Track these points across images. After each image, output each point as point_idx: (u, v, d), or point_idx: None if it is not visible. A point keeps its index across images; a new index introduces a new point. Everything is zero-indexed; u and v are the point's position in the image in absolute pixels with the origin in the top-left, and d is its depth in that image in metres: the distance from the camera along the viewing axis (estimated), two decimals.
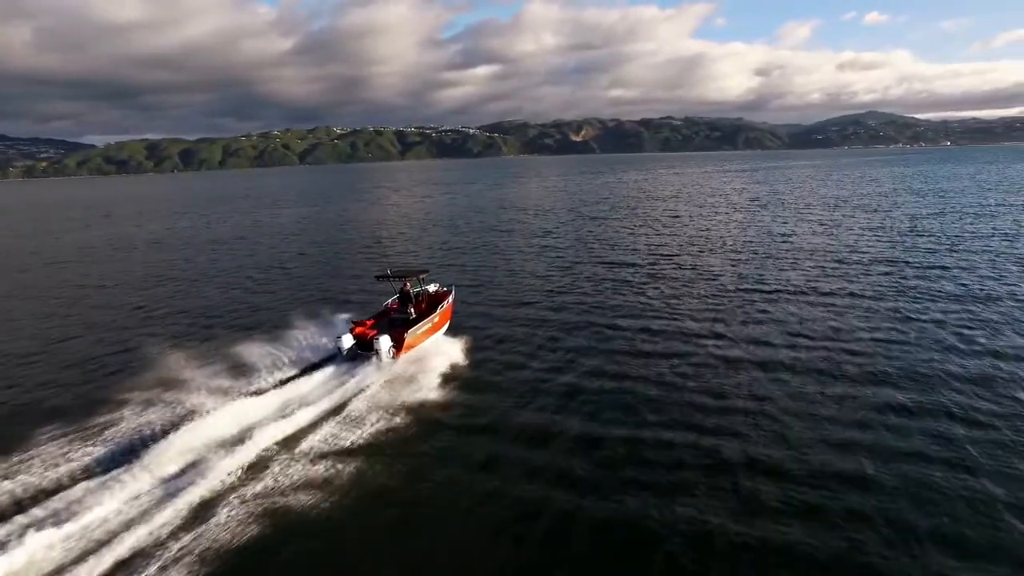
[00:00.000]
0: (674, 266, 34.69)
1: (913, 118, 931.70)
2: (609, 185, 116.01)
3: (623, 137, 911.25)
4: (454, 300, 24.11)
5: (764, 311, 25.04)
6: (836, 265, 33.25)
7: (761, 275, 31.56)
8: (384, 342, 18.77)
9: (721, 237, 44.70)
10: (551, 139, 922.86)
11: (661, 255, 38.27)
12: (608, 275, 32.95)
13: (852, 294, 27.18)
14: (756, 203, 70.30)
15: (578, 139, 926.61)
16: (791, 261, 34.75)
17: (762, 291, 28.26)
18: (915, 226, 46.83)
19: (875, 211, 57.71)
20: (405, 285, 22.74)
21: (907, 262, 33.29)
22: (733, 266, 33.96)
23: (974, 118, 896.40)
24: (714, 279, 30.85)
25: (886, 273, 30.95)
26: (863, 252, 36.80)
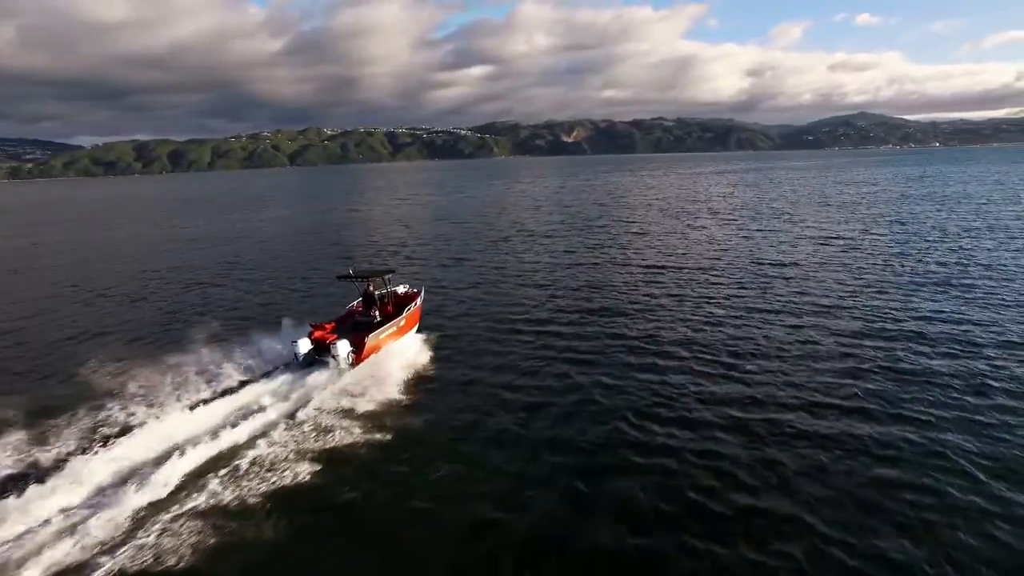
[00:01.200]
0: (658, 272, 34.09)
1: (903, 119, 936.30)
2: (592, 187, 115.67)
3: (615, 138, 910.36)
4: (423, 302, 23.39)
5: (744, 318, 24.63)
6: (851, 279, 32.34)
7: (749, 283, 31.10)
8: (342, 347, 18.03)
9: (711, 243, 44.24)
10: (543, 140, 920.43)
11: (646, 261, 37.67)
12: (588, 280, 32.43)
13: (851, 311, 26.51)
14: (754, 209, 69.04)
15: (570, 140, 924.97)
16: (801, 275, 32.37)
17: (745, 300, 27.83)
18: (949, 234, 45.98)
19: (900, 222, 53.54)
20: (369, 286, 21.96)
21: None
22: (728, 275, 33.07)
23: (962, 119, 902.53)
24: (705, 288, 29.95)
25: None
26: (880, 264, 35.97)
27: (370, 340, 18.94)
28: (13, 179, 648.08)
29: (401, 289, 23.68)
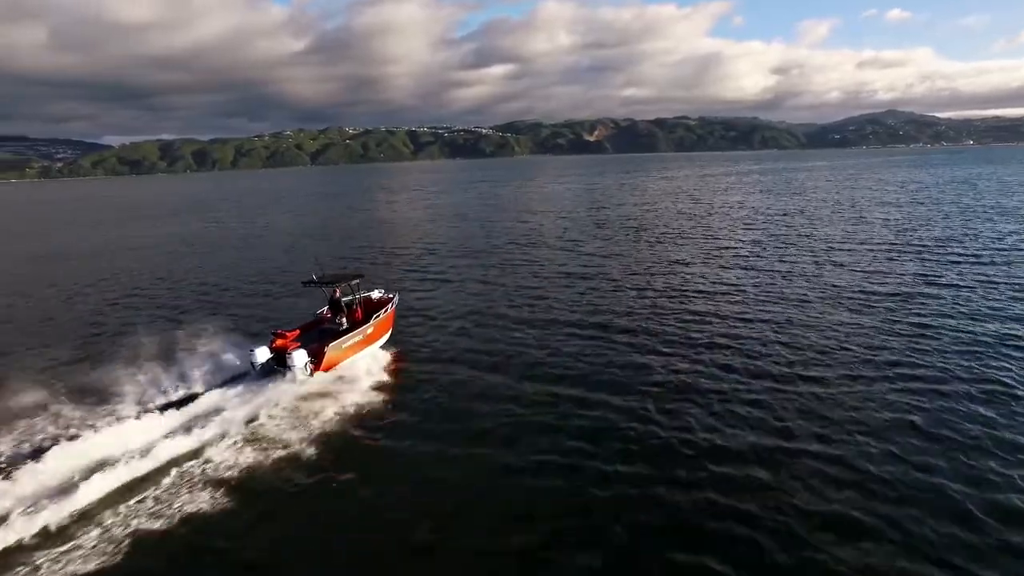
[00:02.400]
0: (672, 282, 29.95)
1: (934, 117, 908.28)
2: (608, 187, 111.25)
3: (636, 137, 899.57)
4: (396, 308, 22.18)
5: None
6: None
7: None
8: (299, 356, 17.04)
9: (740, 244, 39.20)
10: (564, 139, 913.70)
11: (660, 271, 33.64)
12: (584, 291, 29.08)
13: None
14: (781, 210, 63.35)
15: (591, 139, 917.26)
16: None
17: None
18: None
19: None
20: (335, 292, 20.66)
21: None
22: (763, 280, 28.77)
23: (996, 116, 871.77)
24: (733, 302, 26.32)
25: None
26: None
27: (331, 349, 17.94)
28: (44, 178, 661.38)
29: (376, 294, 22.80)
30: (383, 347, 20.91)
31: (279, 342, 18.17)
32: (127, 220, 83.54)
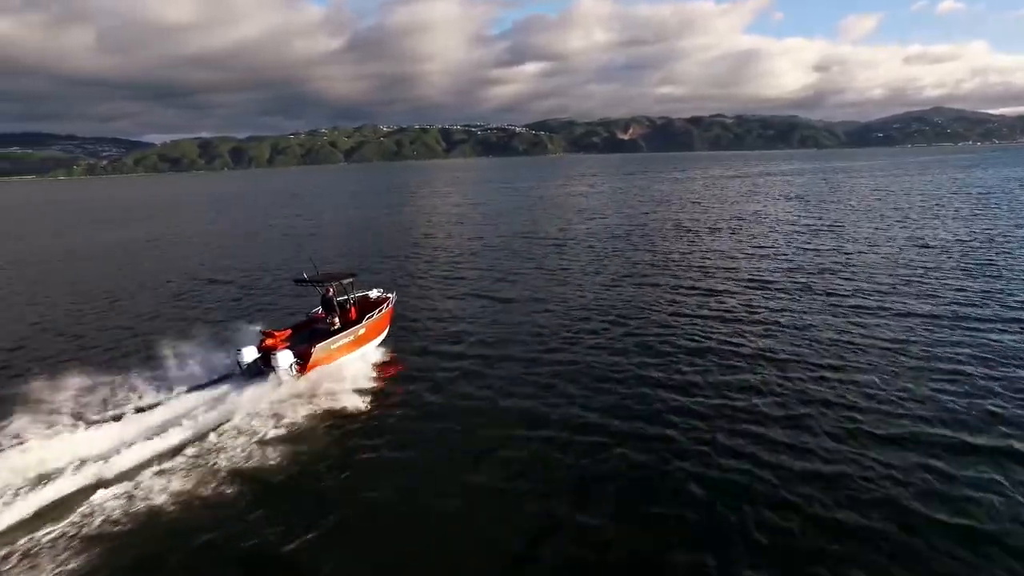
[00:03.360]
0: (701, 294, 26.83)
1: (986, 113, 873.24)
2: (627, 190, 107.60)
3: (672, 135, 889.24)
4: (393, 308, 21.51)
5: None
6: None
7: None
8: (283, 357, 16.47)
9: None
10: (598, 137, 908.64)
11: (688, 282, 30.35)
12: (611, 303, 25.50)
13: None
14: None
15: (625, 137, 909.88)
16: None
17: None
18: None
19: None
20: (328, 291, 19.88)
21: None
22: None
23: None
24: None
25: None
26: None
27: (318, 351, 17.35)
28: (89, 175, 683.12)
29: (374, 294, 21.98)
30: (379, 348, 20.13)
31: (268, 342, 17.47)
32: (141, 219, 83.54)
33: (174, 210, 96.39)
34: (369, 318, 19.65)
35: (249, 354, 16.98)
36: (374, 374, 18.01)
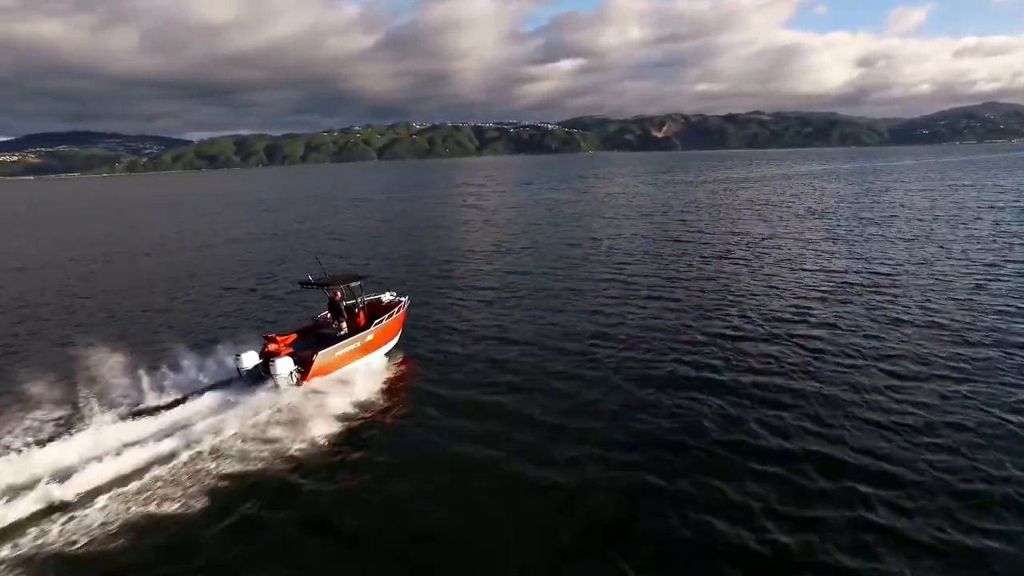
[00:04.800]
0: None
1: None
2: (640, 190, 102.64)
3: (707, 133, 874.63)
4: (406, 313, 20.45)
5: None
6: None
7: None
8: (282, 364, 15.68)
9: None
10: (631, 135, 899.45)
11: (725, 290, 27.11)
12: (648, 317, 22.66)
13: None
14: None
15: (660, 135, 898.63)
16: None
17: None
18: None
19: None
20: (335, 294, 18.86)
21: None
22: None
23: None
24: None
25: None
26: None
27: (320, 357, 16.56)
28: (131, 172, 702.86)
29: (387, 297, 21.08)
30: (388, 355, 19.22)
31: (270, 347, 16.68)
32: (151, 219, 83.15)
33: (201, 208, 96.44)
34: (378, 324, 18.70)
35: (249, 359, 16.20)
36: (380, 385, 16.99)
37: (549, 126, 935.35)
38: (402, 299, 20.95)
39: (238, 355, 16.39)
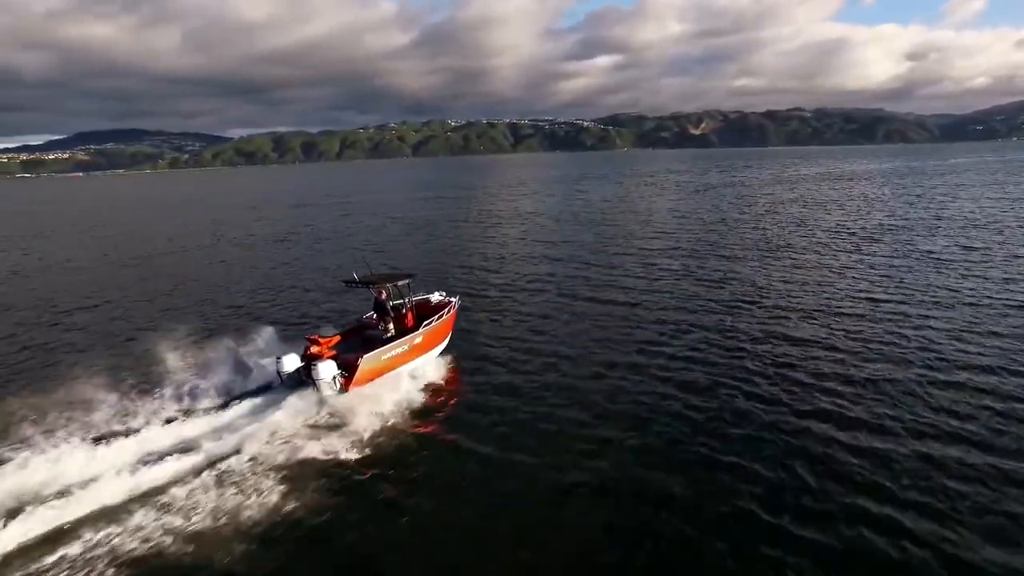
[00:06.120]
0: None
1: None
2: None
3: (745, 130, 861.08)
4: (456, 314, 19.28)
5: None
6: None
7: None
8: (325, 369, 14.69)
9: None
10: (668, 132, 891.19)
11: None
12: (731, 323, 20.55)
13: None
14: None
15: (697, 132, 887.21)
16: None
17: None
18: None
19: None
20: (380, 294, 17.83)
21: None
22: None
23: None
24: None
25: None
26: None
27: (366, 361, 15.51)
28: (173, 168, 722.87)
29: (435, 297, 19.95)
30: (438, 359, 18.09)
31: (313, 349, 16.00)
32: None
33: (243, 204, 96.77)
34: (427, 325, 17.66)
35: (291, 362, 15.35)
36: (430, 390, 16.05)
37: (584, 123, 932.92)
38: (452, 299, 19.77)
39: (279, 358, 15.64)
